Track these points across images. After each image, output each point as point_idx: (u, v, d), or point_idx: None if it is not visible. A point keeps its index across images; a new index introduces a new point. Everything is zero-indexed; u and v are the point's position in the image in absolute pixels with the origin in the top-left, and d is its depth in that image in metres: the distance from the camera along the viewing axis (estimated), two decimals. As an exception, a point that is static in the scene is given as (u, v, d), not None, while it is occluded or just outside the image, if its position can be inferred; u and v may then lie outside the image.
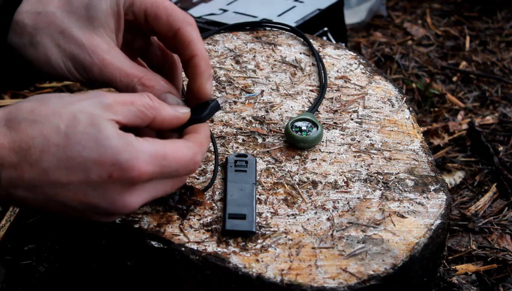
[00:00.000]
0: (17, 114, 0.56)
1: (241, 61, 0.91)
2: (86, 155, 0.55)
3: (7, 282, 0.83)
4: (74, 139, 0.55)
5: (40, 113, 0.56)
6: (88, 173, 0.56)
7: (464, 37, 1.49)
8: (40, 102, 0.57)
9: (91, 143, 0.55)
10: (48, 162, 0.55)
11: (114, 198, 0.58)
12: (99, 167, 0.56)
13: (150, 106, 0.60)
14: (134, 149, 0.57)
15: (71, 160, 0.55)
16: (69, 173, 0.56)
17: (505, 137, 1.17)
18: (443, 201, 0.72)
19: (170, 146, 0.59)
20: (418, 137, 0.81)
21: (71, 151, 0.55)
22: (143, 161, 0.57)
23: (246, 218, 0.67)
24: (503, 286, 0.88)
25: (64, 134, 0.55)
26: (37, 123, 0.55)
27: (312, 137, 0.77)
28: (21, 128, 0.55)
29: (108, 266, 0.75)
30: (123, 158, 0.56)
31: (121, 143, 0.56)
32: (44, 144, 0.55)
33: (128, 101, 0.59)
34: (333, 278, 0.64)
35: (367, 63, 0.92)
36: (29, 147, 0.54)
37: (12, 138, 0.54)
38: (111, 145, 0.56)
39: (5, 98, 1.17)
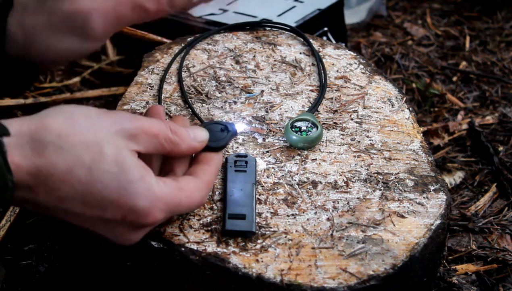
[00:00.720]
0: (44, 136, 0.54)
1: (241, 61, 0.91)
2: (106, 195, 0.55)
3: (7, 282, 0.83)
4: (97, 177, 0.55)
5: (68, 140, 0.54)
6: (104, 211, 0.56)
7: (464, 37, 1.49)
8: (67, 124, 0.55)
9: (113, 183, 0.55)
10: (66, 192, 0.55)
11: (121, 234, 0.59)
12: (116, 208, 0.56)
13: (171, 141, 0.60)
14: (154, 195, 0.57)
15: (89, 195, 0.55)
16: (84, 206, 0.56)
17: (505, 137, 1.17)
18: (443, 201, 0.72)
19: (185, 192, 0.60)
20: (418, 137, 0.81)
21: (92, 187, 0.55)
22: (159, 209, 0.58)
23: (246, 218, 0.67)
24: (503, 286, 0.88)
25: (88, 169, 0.54)
26: (63, 152, 0.54)
27: (312, 138, 0.77)
28: (45, 154, 0.53)
29: (108, 266, 0.75)
30: (141, 205, 0.56)
31: (142, 189, 0.56)
32: (66, 175, 0.54)
33: (153, 133, 0.59)
34: (333, 278, 0.64)
35: (367, 63, 0.92)
36: (50, 175, 0.53)
37: (34, 162, 0.53)
38: (132, 190, 0.56)
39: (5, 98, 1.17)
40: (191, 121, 0.81)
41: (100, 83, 1.27)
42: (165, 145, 0.60)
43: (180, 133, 0.61)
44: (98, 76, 1.28)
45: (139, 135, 0.58)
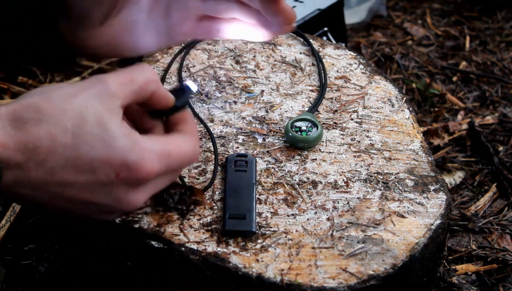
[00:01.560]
0: (22, 114, 0.54)
1: (241, 61, 0.91)
2: (94, 155, 0.55)
3: (7, 282, 0.83)
4: (81, 139, 0.55)
5: (46, 112, 0.55)
6: (96, 173, 0.56)
7: (464, 37, 1.49)
8: (43, 99, 0.56)
9: (99, 143, 0.55)
10: (55, 162, 0.55)
11: (120, 196, 0.58)
12: (107, 167, 0.56)
13: (152, 81, 0.60)
14: (141, 148, 0.57)
15: (78, 159, 0.55)
16: (76, 173, 0.56)
17: (505, 137, 1.17)
18: (443, 201, 0.72)
19: (172, 143, 0.60)
20: (418, 137, 0.81)
21: (78, 151, 0.55)
22: (150, 160, 0.57)
23: (246, 218, 0.67)
24: (503, 286, 0.88)
25: (71, 133, 0.55)
26: (43, 123, 0.54)
27: (312, 137, 0.77)
28: (27, 128, 0.54)
29: (108, 266, 0.75)
30: (131, 158, 0.56)
31: (128, 144, 0.56)
32: (51, 144, 0.54)
33: (128, 79, 0.59)
34: (333, 278, 0.64)
35: (367, 63, 0.92)
36: (35, 147, 0.54)
37: (18, 138, 0.53)
38: (118, 146, 0.56)
39: (5, 98, 1.18)
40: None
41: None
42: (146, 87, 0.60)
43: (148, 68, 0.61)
44: (98, 76, 1.28)
45: (118, 91, 0.58)
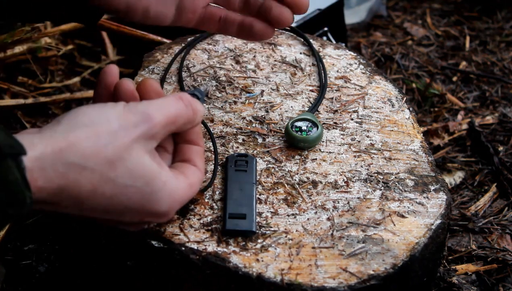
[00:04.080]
0: (68, 157, 0.53)
1: (241, 61, 0.91)
2: (129, 205, 0.57)
3: (7, 282, 0.83)
4: (121, 191, 0.56)
5: (92, 159, 0.54)
6: (122, 216, 0.58)
7: (464, 37, 1.49)
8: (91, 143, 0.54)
9: (137, 196, 0.56)
10: (89, 206, 0.56)
11: (132, 228, 0.62)
12: (136, 214, 0.58)
13: (190, 121, 0.62)
14: (173, 200, 0.59)
15: (112, 206, 0.56)
16: (104, 213, 0.57)
17: (505, 137, 1.17)
18: (443, 201, 0.72)
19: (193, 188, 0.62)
20: (418, 137, 0.81)
21: (115, 200, 0.56)
22: (175, 209, 0.60)
23: (246, 217, 0.67)
24: (503, 286, 0.88)
25: (112, 184, 0.55)
26: (88, 172, 0.54)
27: (312, 137, 0.77)
28: (69, 176, 0.53)
29: (108, 266, 0.75)
30: (162, 210, 0.58)
31: (165, 196, 0.58)
32: (91, 193, 0.54)
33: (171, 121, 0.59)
34: (333, 278, 0.64)
35: (367, 63, 0.92)
36: (75, 194, 0.54)
37: (58, 185, 0.53)
38: (155, 199, 0.57)
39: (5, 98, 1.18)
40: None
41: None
42: (183, 127, 0.61)
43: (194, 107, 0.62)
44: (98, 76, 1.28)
45: (158, 132, 0.58)
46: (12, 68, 1.24)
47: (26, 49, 1.22)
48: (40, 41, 1.23)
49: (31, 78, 1.22)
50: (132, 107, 0.58)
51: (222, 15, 0.77)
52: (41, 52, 1.25)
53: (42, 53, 1.25)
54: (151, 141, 0.58)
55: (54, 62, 1.28)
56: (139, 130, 0.57)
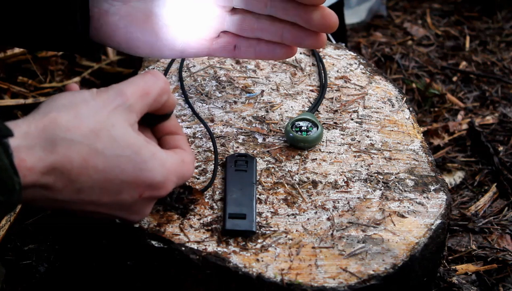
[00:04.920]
0: (53, 133, 0.53)
1: (241, 61, 0.91)
2: (124, 178, 0.56)
3: (7, 282, 0.83)
4: (113, 162, 0.55)
5: (77, 131, 0.54)
6: (121, 194, 0.57)
7: (464, 37, 1.49)
8: (72, 116, 0.55)
9: (130, 165, 0.56)
10: (83, 183, 0.55)
11: (136, 211, 0.61)
12: (133, 188, 0.57)
13: (165, 92, 0.61)
14: (167, 169, 0.59)
15: (107, 181, 0.56)
16: (102, 193, 0.56)
17: (505, 137, 1.17)
18: (443, 201, 0.72)
19: (185, 165, 0.62)
20: (418, 137, 0.81)
21: (109, 174, 0.56)
22: (171, 181, 0.60)
23: (246, 217, 0.67)
24: (503, 286, 0.88)
25: (103, 156, 0.55)
26: (76, 144, 0.54)
27: (312, 137, 0.77)
28: (58, 150, 0.53)
29: (108, 266, 0.75)
30: (158, 180, 0.58)
31: (157, 165, 0.58)
32: (83, 167, 0.54)
33: (144, 92, 0.59)
34: (333, 278, 0.64)
35: (367, 63, 0.92)
36: (67, 170, 0.54)
37: (49, 162, 0.53)
38: (148, 168, 0.57)
39: (5, 98, 1.18)
40: (192, 121, 0.81)
41: (100, 83, 1.27)
42: (159, 99, 0.61)
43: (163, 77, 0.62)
44: (98, 76, 1.28)
45: (134, 103, 0.58)
46: (12, 68, 1.24)
47: (26, 49, 1.22)
48: (40, 41, 1.23)
49: (31, 78, 1.22)
50: (103, 89, 0.59)
51: (236, 43, 0.74)
52: (41, 52, 1.25)
53: (42, 53, 1.25)
54: (130, 115, 0.58)
55: (54, 62, 1.28)
56: (115, 103, 0.57)
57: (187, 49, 0.73)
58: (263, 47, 0.74)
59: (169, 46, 0.72)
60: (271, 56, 0.74)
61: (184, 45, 0.72)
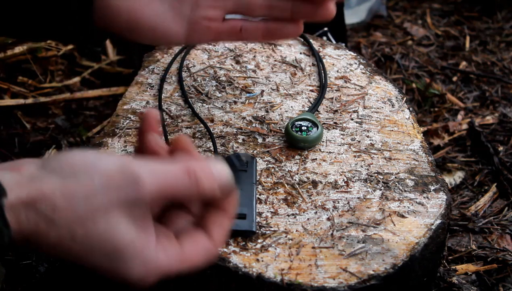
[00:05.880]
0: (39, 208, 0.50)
1: (241, 61, 0.91)
2: (98, 266, 0.52)
3: (7, 282, 0.83)
4: (89, 252, 0.51)
5: (61, 215, 0.50)
6: (98, 270, 0.53)
7: (464, 37, 1.49)
8: (64, 198, 0.50)
9: (106, 261, 0.52)
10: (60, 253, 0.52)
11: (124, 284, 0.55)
12: (110, 274, 0.53)
13: (192, 195, 0.52)
14: (149, 268, 0.52)
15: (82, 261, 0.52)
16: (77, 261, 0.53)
17: (505, 137, 1.17)
18: (443, 201, 0.72)
19: (187, 262, 0.54)
20: (418, 137, 0.81)
21: (83, 258, 0.52)
22: (153, 277, 0.53)
23: (246, 217, 0.67)
24: (503, 286, 0.88)
25: (80, 244, 0.51)
26: (55, 226, 0.50)
27: (312, 137, 0.77)
28: (40, 225, 0.50)
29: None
30: (134, 278, 0.52)
31: (137, 266, 0.52)
32: (58, 245, 0.51)
33: (169, 192, 0.51)
34: (333, 278, 0.64)
35: (367, 63, 0.92)
36: (41, 243, 0.51)
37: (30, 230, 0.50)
38: (127, 267, 0.52)
39: (5, 98, 1.18)
40: (192, 121, 0.81)
41: (100, 83, 1.27)
42: (184, 199, 0.54)
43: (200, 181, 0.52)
44: (98, 76, 1.28)
45: (144, 200, 0.51)
46: (12, 68, 1.24)
47: (26, 49, 1.22)
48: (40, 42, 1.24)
49: (31, 78, 1.23)
50: (125, 165, 0.51)
51: (242, 25, 0.72)
52: (41, 52, 1.25)
53: (42, 53, 1.25)
54: (137, 209, 0.51)
55: (54, 62, 1.28)
56: (121, 195, 0.50)
57: (192, 33, 0.71)
58: (271, 26, 0.72)
59: (172, 30, 0.70)
60: (279, 35, 0.73)
61: (189, 29, 0.71)
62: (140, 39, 0.71)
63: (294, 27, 0.72)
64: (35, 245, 0.52)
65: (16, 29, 0.72)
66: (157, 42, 0.73)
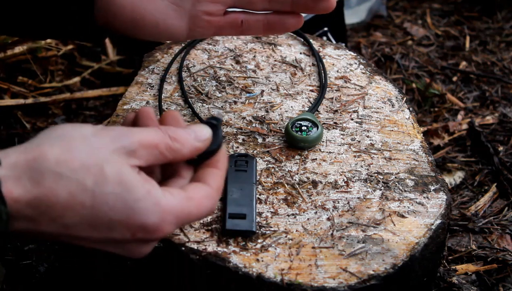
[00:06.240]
0: (42, 165, 0.51)
1: (241, 61, 0.91)
2: (113, 216, 0.53)
3: (7, 282, 0.83)
4: (101, 199, 0.52)
5: (67, 165, 0.51)
6: (112, 232, 0.54)
7: (464, 37, 1.49)
8: (64, 149, 0.52)
9: (119, 204, 0.53)
10: (70, 219, 0.52)
11: (131, 251, 0.57)
12: (125, 228, 0.53)
13: (172, 149, 0.57)
14: (162, 210, 0.54)
15: (96, 218, 0.53)
16: (91, 230, 0.53)
17: (505, 137, 1.17)
18: (443, 201, 0.72)
19: (194, 201, 0.57)
20: (418, 137, 0.81)
21: (97, 211, 0.52)
22: (168, 222, 0.55)
23: (246, 217, 0.67)
24: (503, 286, 0.88)
25: (91, 192, 0.52)
26: (63, 179, 0.51)
27: (312, 137, 0.77)
28: (45, 183, 0.51)
29: (108, 266, 0.75)
30: (151, 221, 0.54)
31: (150, 205, 0.53)
32: (69, 202, 0.51)
33: (152, 145, 0.55)
34: (333, 278, 0.64)
35: (367, 63, 0.92)
36: (52, 204, 0.51)
37: (34, 194, 0.50)
38: (140, 207, 0.53)
39: (5, 98, 1.18)
40: (192, 121, 0.81)
41: (100, 83, 1.27)
42: (167, 154, 0.57)
43: (180, 138, 0.58)
44: (98, 76, 1.28)
45: (137, 150, 0.55)
46: (12, 68, 1.24)
47: (26, 49, 1.22)
48: (40, 41, 1.23)
49: (31, 78, 1.23)
50: (110, 127, 0.56)
51: (243, 18, 0.73)
52: (41, 52, 1.25)
53: (42, 53, 1.25)
54: (131, 159, 0.54)
55: (54, 62, 1.28)
56: (117, 144, 0.54)
57: (194, 28, 0.72)
58: (271, 19, 0.73)
59: (175, 26, 0.71)
60: (280, 28, 0.74)
61: (191, 24, 0.71)
62: (142, 36, 0.72)
63: (295, 19, 0.74)
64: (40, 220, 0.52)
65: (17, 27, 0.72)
66: (159, 38, 0.73)
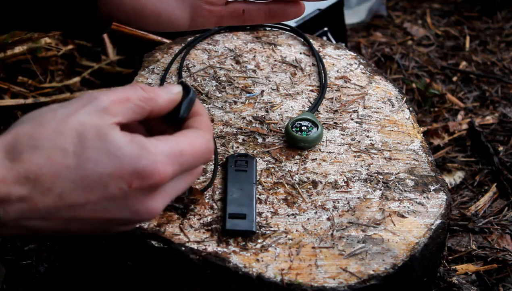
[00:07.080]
0: (16, 143, 0.51)
1: (241, 61, 0.91)
2: (101, 170, 0.52)
3: (7, 282, 0.83)
4: (84, 157, 0.51)
5: (40, 136, 0.51)
6: (107, 188, 0.52)
7: (464, 37, 1.49)
8: (36, 125, 0.53)
9: (103, 157, 0.52)
10: (61, 187, 0.51)
11: (137, 207, 0.54)
12: (118, 179, 0.52)
13: (146, 98, 0.56)
14: (150, 152, 0.53)
15: (85, 178, 0.52)
16: (86, 192, 0.52)
17: (505, 137, 1.17)
18: (443, 201, 0.72)
19: (183, 140, 0.56)
20: (418, 137, 0.81)
21: (83, 170, 0.51)
22: (161, 163, 0.53)
23: (246, 217, 0.67)
24: (503, 286, 0.88)
25: (72, 153, 0.51)
26: (41, 149, 0.51)
27: (312, 137, 0.77)
28: (24, 158, 0.51)
29: (108, 266, 0.75)
30: (141, 165, 0.52)
31: (135, 150, 0.52)
32: (54, 169, 0.51)
33: (124, 98, 0.55)
34: (333, 278, 0.64)
35: (367, 63, 0.92)
36: (38, 176, 0.51)
37: (17, 171, 0.50)
38: (125, 154, 0.52)
39: (5, 98, 1.18)
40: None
41: (100, 83, 1.27)
42: (143, 105, 0.56)
43: (152, 89, 0.57)
44: (98, 76, 1.28)
45: (110, 106, 0.54)
46: (12, 68, 1.24)
47: (26, 49, 1.22)
48: (40, 41, 1.24)
49: (31, 78, 1.23)
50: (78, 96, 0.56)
51: (245, 7, 0.74)
52: (41, 52, 1.25)
53: (42, 53, 1.25)
54: (106, 116, 0.53)
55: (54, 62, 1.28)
56: (87, 106, 0.53)
57: (196, 18, 0.72)
58: (273, 7, 0.74)
59: (176, 16, 0.71)
60: (281, 16, 0.75)
61: (192, 14, 0.72)
62: (145, 26, 0.72)
63: (296, 7, 0.75)
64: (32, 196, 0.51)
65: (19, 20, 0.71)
66: (162, 28, 0.73)
